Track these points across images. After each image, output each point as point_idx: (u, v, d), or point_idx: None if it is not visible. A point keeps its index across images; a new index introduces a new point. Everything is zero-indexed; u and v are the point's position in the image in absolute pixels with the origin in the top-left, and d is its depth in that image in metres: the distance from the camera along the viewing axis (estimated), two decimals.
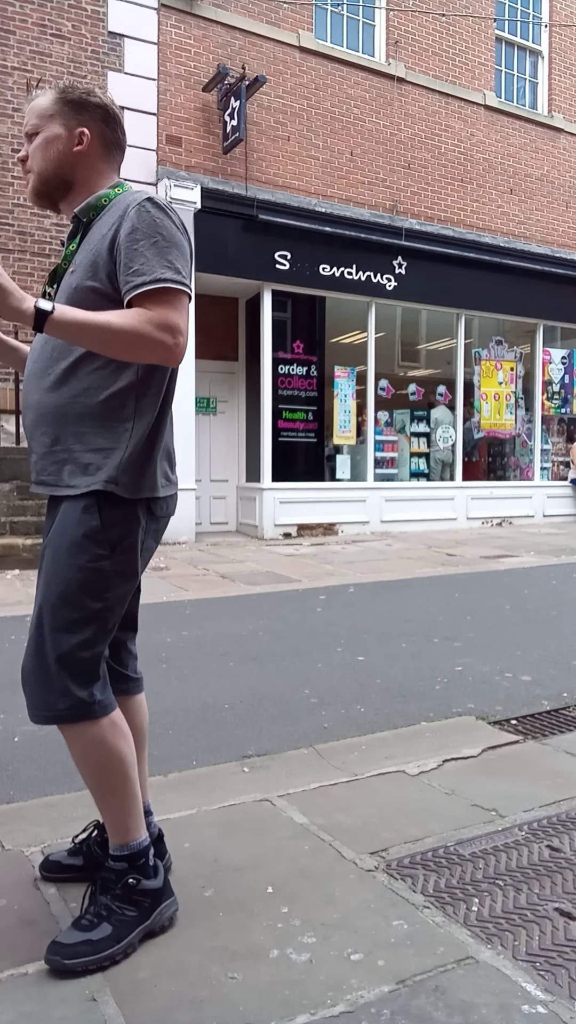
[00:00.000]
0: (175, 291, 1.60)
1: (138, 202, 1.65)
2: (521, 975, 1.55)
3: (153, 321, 1.56)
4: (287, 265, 9.87)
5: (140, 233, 1.61)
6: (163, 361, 1.61)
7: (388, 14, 10.65)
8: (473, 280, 11.16)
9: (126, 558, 1.69)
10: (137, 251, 1.60)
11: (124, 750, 1.69)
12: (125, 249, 1.61)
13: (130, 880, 1.68)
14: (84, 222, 1.74)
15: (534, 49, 12.11)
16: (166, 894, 1.73)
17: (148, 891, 1.69)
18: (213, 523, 10.76)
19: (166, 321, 1.57)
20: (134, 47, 9.07)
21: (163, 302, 1.58)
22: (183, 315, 1.61)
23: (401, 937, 1.67)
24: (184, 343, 1.59)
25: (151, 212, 1.64)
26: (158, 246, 1.61)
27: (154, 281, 1.58)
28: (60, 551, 1.66)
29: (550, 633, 4.82)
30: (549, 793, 2.41)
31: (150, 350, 1.58)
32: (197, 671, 4.00)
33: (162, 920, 1.71)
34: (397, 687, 3.71)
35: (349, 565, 7.70)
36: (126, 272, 1.60)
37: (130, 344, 1.57)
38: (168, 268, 1.60)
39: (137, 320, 1.56)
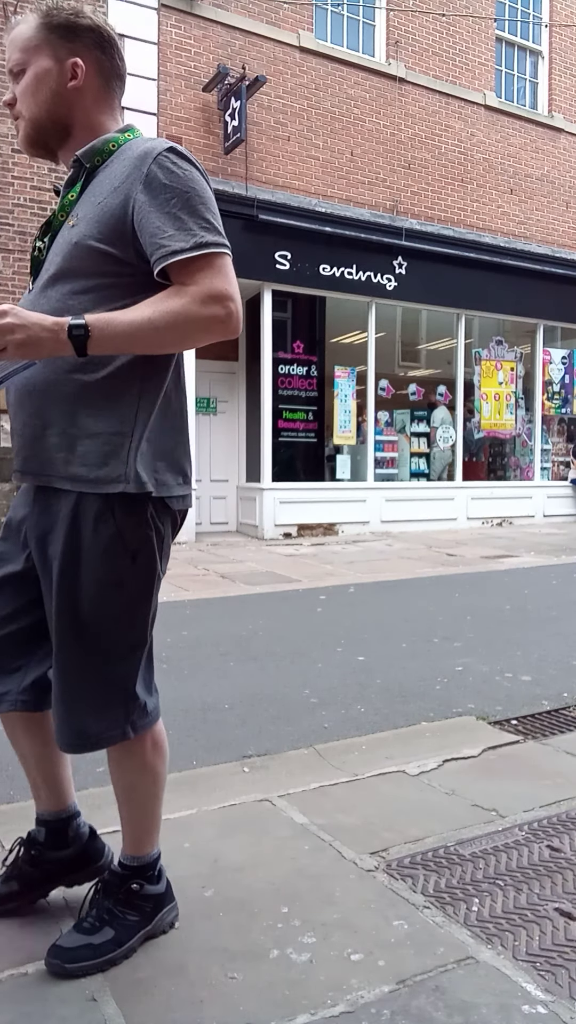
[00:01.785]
0: (218, 255, 1.40)
1: (159, 152, 1.42)
2: (521, 975, 1.54)
3: (199, 297, 1.37)
4: (287, 265, 9.87)
5: (169, 191, 1.39)
6: (222, 336, 1.41)
7: (388, 14, 10.65)
8: (473, 280, 11.16)
9: (152, 564, 1.54)
10: (169, 213, 1.38)
11: (160, 768, 1.67)
12: (153, 209, 1.39)
13: (133, 885, 1.65)
14: (87, 168, 1.51)
15: (534, 49, 12.11)
16: (168, 899, 1.71)
17: (151, 896, 1.67)
18: (213, 523, 10.76)
19: (213, 291, 1.37)
20: (134, 47, 9.06)
21: (205, 269, 1.38)
22: (229, 277, 1.40)
23: (401, 937, 1.67)
24: (238, 307, 1.40)
25: (179, 164, 1.42)
26: (191, 204, 1.40)
27: (196, 247, 1.37)
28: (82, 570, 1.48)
29: (550, 633, 4.82)
30: (549, 793, 2.41)
31: (204, 330, 1.39)
32: (197, 671, 4.00)
33: (163, 925, 1.69)
34: (397, 687, 3.71)
35: (349, 565, 7.70)
36: (158, 236, 1.38)
37: (181, 333, 1.39)
38: (208, 230, 1.39)
39: (180, 304, 1.36)
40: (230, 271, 1.42)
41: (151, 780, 1.65)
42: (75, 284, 1.46)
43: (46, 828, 1.79)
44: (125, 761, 1.62)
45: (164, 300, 1.38)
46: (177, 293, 1.38)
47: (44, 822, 1.79)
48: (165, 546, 1.59)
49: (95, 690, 1.52)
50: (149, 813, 1.67)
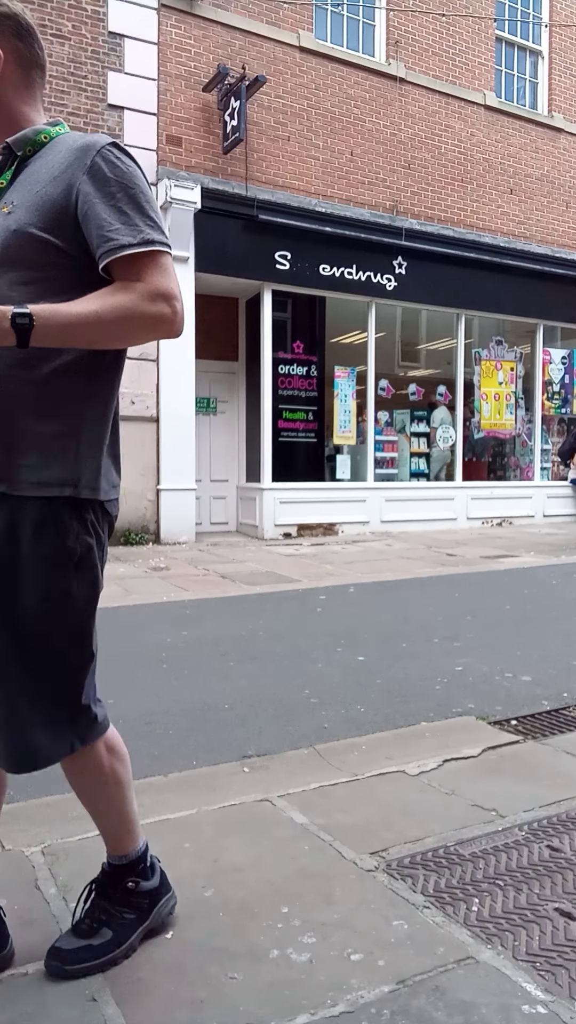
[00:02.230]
0: (163, 254, 1.40)
1: (103, 145, 1.42)
2: (521, 975, 1.54)
3: (146, 294, 1.36)
4: (287, 265, 9.87)
5: (115, 185, 1.39)
6: (166, 335, 1.42)
7: (388, 14, 10.65)
8: (473, 280, 11.17)
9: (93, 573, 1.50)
10: (115, 207, 1.38)
11: (121, 771, 1.63)
12: (99, 201, 1.38)
13: (128, 883, 1.65)
14: (19, 156, 1.49)
15: (534, 49, 12.11)
16: (164, 890, 1.71)
17: (146, 892, 1.67)
18: (213, 523, 10.76)
19: (159, 289, 1.37)
20: (134, 47, 9.07)
21: (152, 267, 1.38)
22: (174, 278, 1.41)
23: (401, 937, 1.67)
24: (182, 309, 1.41)
25: (123, 160, 1.42)
26: (136, 201, 1.40)
27: (144, 243, 1.37)
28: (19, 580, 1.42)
29: (550, 633, 4.82)
30: (549, 793, 2.41)
31: (150, 328, 1.39)
32: (197, 671, 4.00)
33: (161, 917, 1.69)
34: (397, 687, 3.71)
35: (349, 565, 7.70)
36: (105, 229, 1.37)
37: (128, 329, 1.38)
38: (152, 227, 1.40)
39: (129, 299, 1.36)
40: (174, 271, 1.42)
41: (114, 785, 1.62)
42: (16, 274, 1.41)
43: None
44: (83, 772, 1.59)
45: (112, 294, 1.37)
46: (124, 289, 1.37)
47: None
48: (105, 553, 1.55)
49: (43, 705, 1.47)
50: (122, 814, 1.65)
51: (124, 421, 7.27)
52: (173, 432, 9.32)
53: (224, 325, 10.66)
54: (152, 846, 2.04)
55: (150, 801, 2.39)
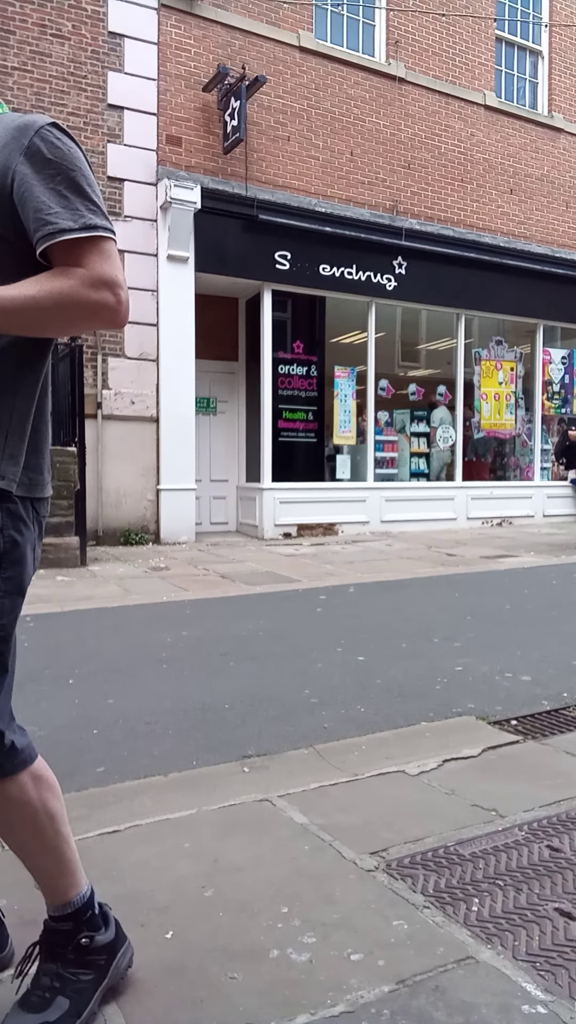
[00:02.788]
0: (105, 239, 1.32)
1: (41, 125, 1.33)
2: (521, 975, 1.54)
3: (88, 281, 1.28)
4: (287, 265, 9.87)
5: (53, 167, 1.30)
6: (108, 325, 1.33)
7: (388, 14, 10.65)
8: (473, 280, 11.17)
9: (17, 572, 1.38)
10: (54, 190, 1.30)
11: (54, 804, 1.44)
12: (37, 183, 1.29)
13: (82, 940, 1.43)
14: None
15: (534, 49, 12.11)
16: (120, 941, 1.50)
17: (103, 947, 1.46)
18: (213, 523, 10.76)
19: (101, 276, 1.29)
20: (134, 47, 9.07)
21: (93, 252, 1.30)
22: (119, 265, 1.33)
23: (401, 937, 1.67)
24: (126, 297, 1.32)
25: (63, 141, 1.33)
26: (76, 184, 1.31)
27: (84, 228, 1.29)
28: None
29: (550, 633, 4.82)
30: (549, 793, 2.41)
31: (90, 315, 1.31)
32: (197, 671, 4.00)
33: (120, 972, 1.49)
34: (397, 687, 3.71)
35: (349, 565, 7.70)
36: (43, 212, 1.28)
37: (67, 316, 1.29)
38: (94, 212, 1.31)
39: (68, 285, 1.27)
40: (117, 258, 1.34)
41: (46, 819, 1.42)
42: None
43: None
44: (6, 807, 1.39)
45: (50, 279, 1.28)
46: (64, 274, 1.29)
47: None
48: (37, 553, 1.44)
49: None
50: (58, 855, 1.44)
51: (124, 421, 7.34)
52: (173, 432, 9.32)
53: (224, 325, 10.66)
54: (152, 846, 2.04)
55: (150, 801, 2.40)
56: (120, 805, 2.34)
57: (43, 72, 8.67)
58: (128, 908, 1.76)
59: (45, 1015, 1.36)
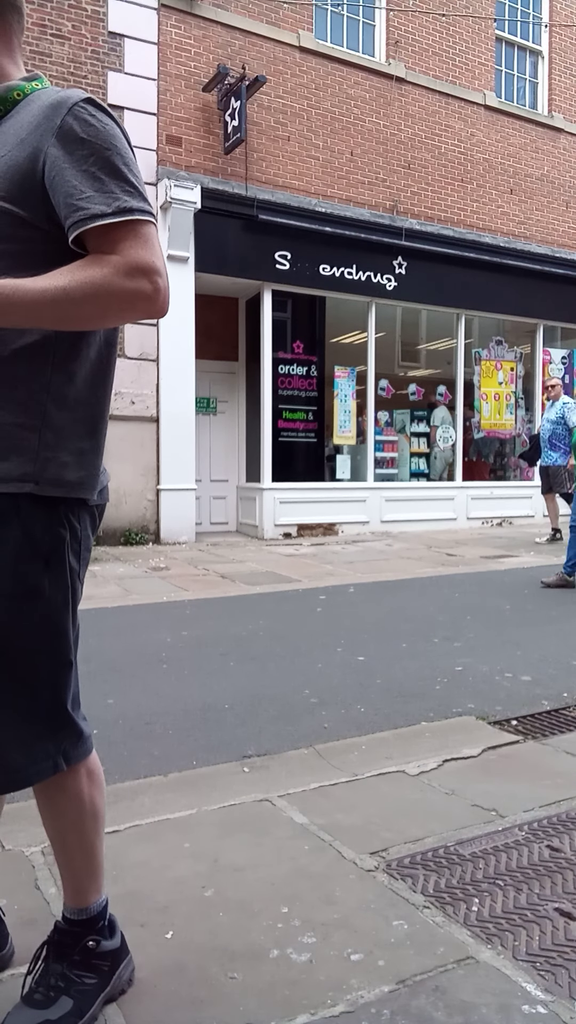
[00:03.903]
0: (144, 223, 1.23)
1: (75, 102, 1.25)
2: (521, 975, 1.54)
3: (123, 268, 1.19)
4: (287, 265, 9.87)
5: (87, 147, 1.23)
6: (147, 315, 1.24)
7: (388, 14, 10.65)
8: (473, 280, 11.17)
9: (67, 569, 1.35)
10: (87, 171, 1.21)
11: (98, 804, 1.46)
12: (68, 166, 1.22)
13: (89, 943, 1.44)
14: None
15: (534, 49, 12.10)
16: (123, 952, 1.52)
17: (107, 953, 1.47)
18: (213, 523, 10.76)
19: (139, 263, 1.20)
20: (134, 47, 9.07)
21: (130, 237, 1.21)
22: (157, 250, 1.24)
23: (401, 937, 1.67)
24: (166, 285, 1.23)
25: (98, 118, 1.25)
26: (112, 163, 1.23)
27: (119, 212, 1.20)
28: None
29: (550, 633, 4.82)
30: (549, 793, 2.41)
31: (127, 306, 1.22)
32: (197, 671, 4.00)
33: (121, 983, 1.49)
34: (397, 687, 3.71)
35: (349, 565, 7.69)
36: (75, 197, 1.20)
37: (101, 307, 1.21)
38: (131, 194, 1.23)
39: (102, 274, 1.19)
40: (157, 243, 1.25)
41: (91, 817, 1.44)
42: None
43: None
44: (59, 797, 1.41)
45: (82, 269, 1.20)
46: (97, 262, 1.20)
47: None
48: (84, 547, 1.40)
49: (18, 719, 1.33)
50: (91, 856, 1.46)
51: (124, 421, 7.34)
52: (173, 432, 9.32)
53: (224, 325, 10.66)
54: (152, 846, 2.05)
55: (150, 801, 2.40)
56: (120, 805, 2.34)
57: (43, 72, 8.67)
58: (128, 908, 1.76)
59: (48, 1012, 1.37)
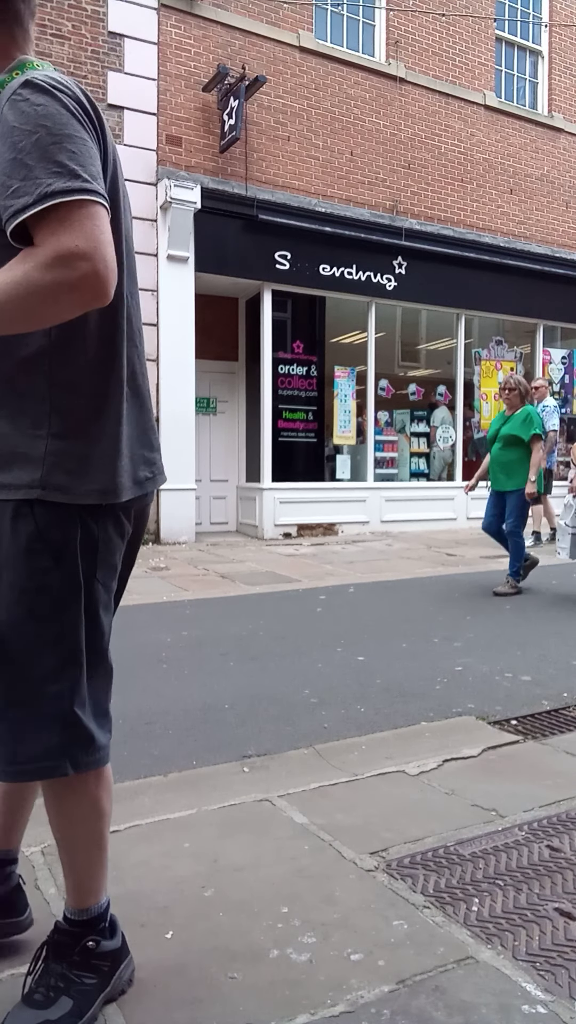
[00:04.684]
0: (71, 204, 1.13)
1: (13, 90, 1.19)
2: (521, 975, 1.54)
3: (42, 261, 1.12)
4: (287, 265, 9.87)
5: (18, 133, 1.15)
6: (82, 304, 1.16)
7: (388, 14, 10.64)
8: (473, 280, 11.16)
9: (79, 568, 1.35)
10: (17, 160, 1.14)
11: (105, 805, 1.45)
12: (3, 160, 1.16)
13: (89, 943, 1.44)
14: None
15: (534, 49, 12.10)
16: (124, 953, 1.51)
17: (107, 953, 1.47)
18: (213, 523, 10.76)
19: (58, 251, 1.11)
20: (134, 47, 9.06)
21: (54, 223, 1.13)
22: (85, 230, 1.13)
23: (401, 937, 1.67)
24: (96, 266, 1.13)
25: (28, 100, 1.17)
26: (40, 146, 1.14)
27: (40, 199, 1.12)
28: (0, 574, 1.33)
29: (550, 633, 4.82)
30: (549, 793, 2.41)
31: (55, 299, 1.14)
32: (197, 671, 4.00)
33: (121, 984, 1.49)
34: (397, 687, 3.71)
35: (349, 565, 7.69)
36: (4, 193, 1.15)
37: (30, 306, 1.14)
38: (59, 175, 1.13)
39: (22, 272, 1.12)
40: (88, 221, 1.14)
41: (96, 818, 1.44)
42: None
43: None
44: (66, 797, 1.41)
45: (8, 270, 1.14)
46: (22, 259, 1.14)
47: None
48: (102, 546, 1.39)
49: (22, 712, 1.34)
50: (95, 857, 1.46)
51: None
52: (173, 432, 9.32)
53: (224, 325, 10.66)
54: (152, 846, 2.05)
55: (150, 801, 2.40)
56: (120, 805, 2.34)
57: None
58: (128, 908, 1.76)
59: (48, 1012, 1.37)
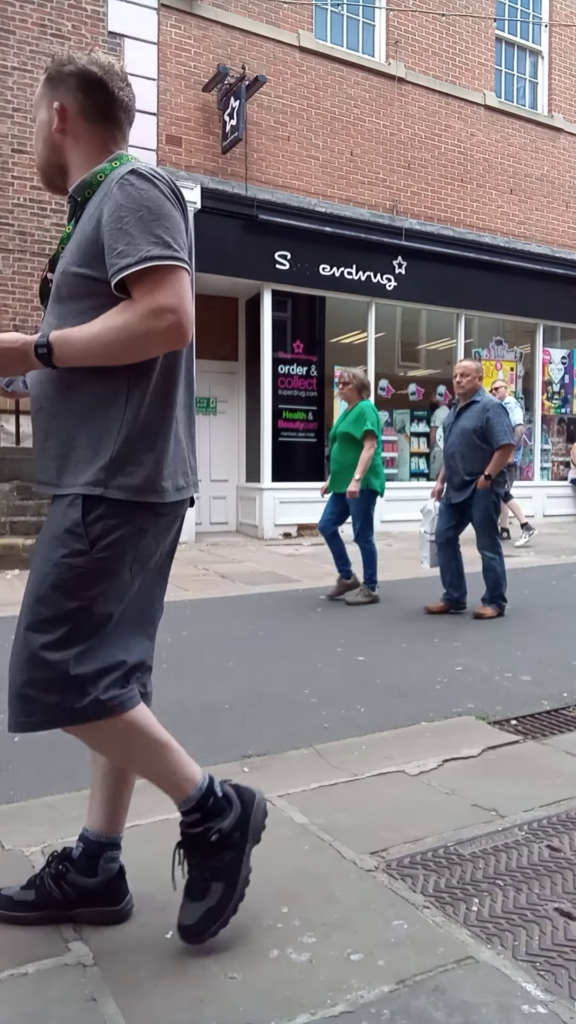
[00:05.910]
0: (164, 268, 1.46)
1: (121, 176, 1.52)
2: (521, 975, 1.54)
3: (140, 312, 1.45)
4: (287, 265, 9.86)
5: (124, 209, 1.48)
6: (167, 347, 1.50)
7: (388, 14, 10.64)
8: (473, 280, 11.16)
9: (108, 555, 1.55)
10: (122, 230, 1.47)
11: (143, 727, 1.61)
12: (109, 229, 1.48)
13: (212, 837, 1.65)
14: (79, 201, 1.62)
15: (534, 49, 12.11)
16: (247, 803, 1.70)
17: (231, 827, 1.66)
18: (213, 523, 10.75)
19: (154, 306, 1.45)
20: (134, 47, 9.06)
21: (150, 283, 1.46)
22: (174, 290, 1.46)
23: (401, 937, 1.67)
24: (180, 319, 1.46)
25: (134, 184, 1.50)
26: (143, 221, 1.47)
27: (141, 261, 1.44)
28: (41, 546, 1.59)
29: (550, 633, 4.82)
30: (549, 793, 2.41)
31: (147, 342, 1.47)
32: (197, 671, 3.99)
33: (259, 827, 1.71)
34: (397, 687, 3.71)
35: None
36: (111, 254, 1.47)
37: (127, 346, 1.47)
38: (156, 243, 1.46)
39: (123, 320, 1.46)
40: (176, 283, 1.47)
41: (132, 741, 1.61)
42: (72, 307, 1.56)
43: (83, 847, 1.75)
44: (96, 740, 1.62)
45: (112, 316, 1.48)
46: (123, 308, 1.48)
47: (84, 840, 1.76)
48: (139, 541, 1.60)
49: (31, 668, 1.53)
50: (159, 764, 1.65)
51: None
52: None
53: (224, 325, 10.66)
54: (152, 846, 2.05)
55: (150, 801, 2.39)
56: None
57: (43, 72, 8.66)
58: None
59: (207, 901, 1.63)
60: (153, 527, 1.62)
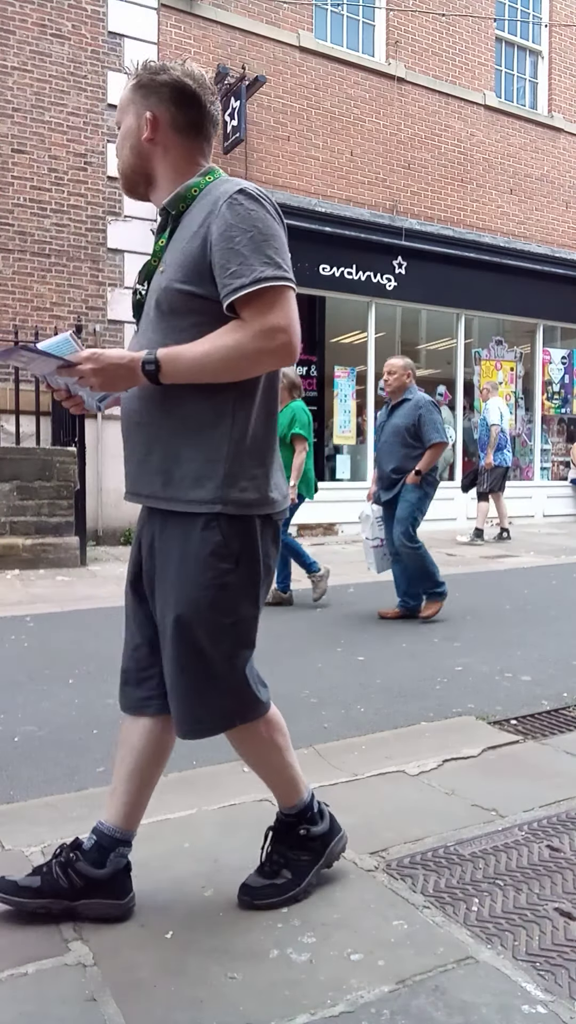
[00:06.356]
0: (276, 288, 1.51)
1: (229, 195, 1.55)
2: (521, 975, 1.54)
3: (251, 332, 1.50)
4: None
5: (235, 229, 1.52)
6: (276, 366, 1.57)
7: (388, 14, 10.64)
8: (473, 280, 11.16)
9: (252, 570, 1.68)
10: (233, 250, 1.51)
11: (278, 739, 1.81)
12: (220, 249, 1.52)
13: (300, 831, 1.84)
14: (173, 214, 1.65)
15: (534, 49, 12.11)
16: (333, 832, 1.89)
17: (317, 836, 1.85)
18: None
19: (264, 326, 1.50)
20: (134, 47, 9.06)
21: (261, 303, 1.50)
22: (285, 311, 1.52)
23: (401, 937, 1.67)
24: (289, 339, 1.52)
25: (244, 204, 1.54)
26: (254, 241, 1.52)
27: (255, 282, 1.49)
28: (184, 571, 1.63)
29: (550, 633, 4.82)
30: (549, 793, 2.41)
31: (257, 362, 1.53)
32: None
33: (334, 856, 1.89)
34: (397, 687, 3.71)
35: (349, 565, 7.69)
36: (223, 274, 1.51)
37: (235, 365, 1.52)
38: (268, 264, 1.51)
39: (234, 339, 1.50)
40: (286, 303, 1.53)
41: (272, 750, 1.81)
42: (173, 325, 1.59)
43: (96, 839, 1.76)
44: (245, 742, 1.80)
45: (222, 335, 1.52)
46: (234, 328, 1.52)
47: (98, 832, 1.77)
48: (265, 552, 1.71)
49: (203, 685, 1.66)
50: (282, 773, 1.84)
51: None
52: None
53: None
54: (152, 846, 2.05)
55: (152, 802, 2.39)
56: None
57: (43, 72, 8.67)
58: None
59: (274, 880, 1.81)
60: (271, 534, 1.72)
